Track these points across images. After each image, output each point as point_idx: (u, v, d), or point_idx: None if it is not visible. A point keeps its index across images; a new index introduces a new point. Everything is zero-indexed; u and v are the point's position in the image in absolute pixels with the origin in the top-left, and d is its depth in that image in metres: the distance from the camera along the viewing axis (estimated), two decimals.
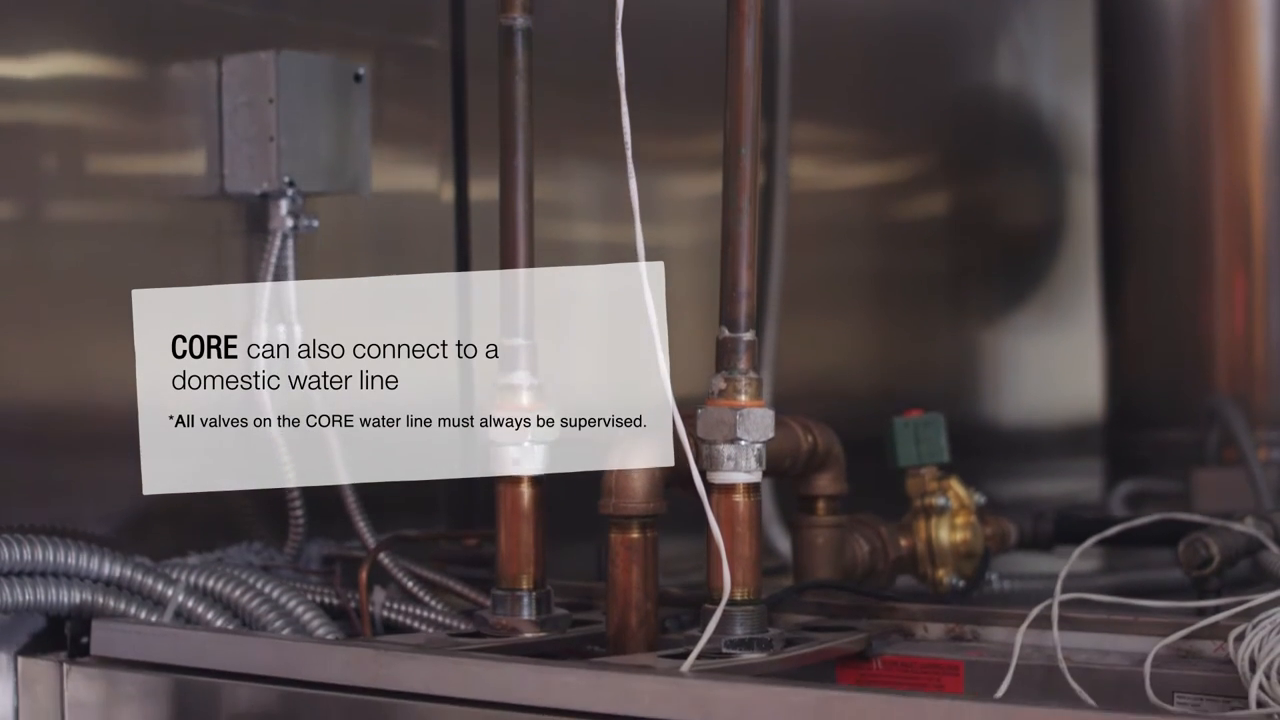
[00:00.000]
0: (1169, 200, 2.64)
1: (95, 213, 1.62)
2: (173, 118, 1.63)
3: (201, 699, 1.39)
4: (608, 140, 1.35)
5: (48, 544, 1.46)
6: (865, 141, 2.57)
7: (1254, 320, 2.60)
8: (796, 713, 1.16)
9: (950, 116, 2.72)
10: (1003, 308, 2.88)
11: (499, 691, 1.25)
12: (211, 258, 1.68)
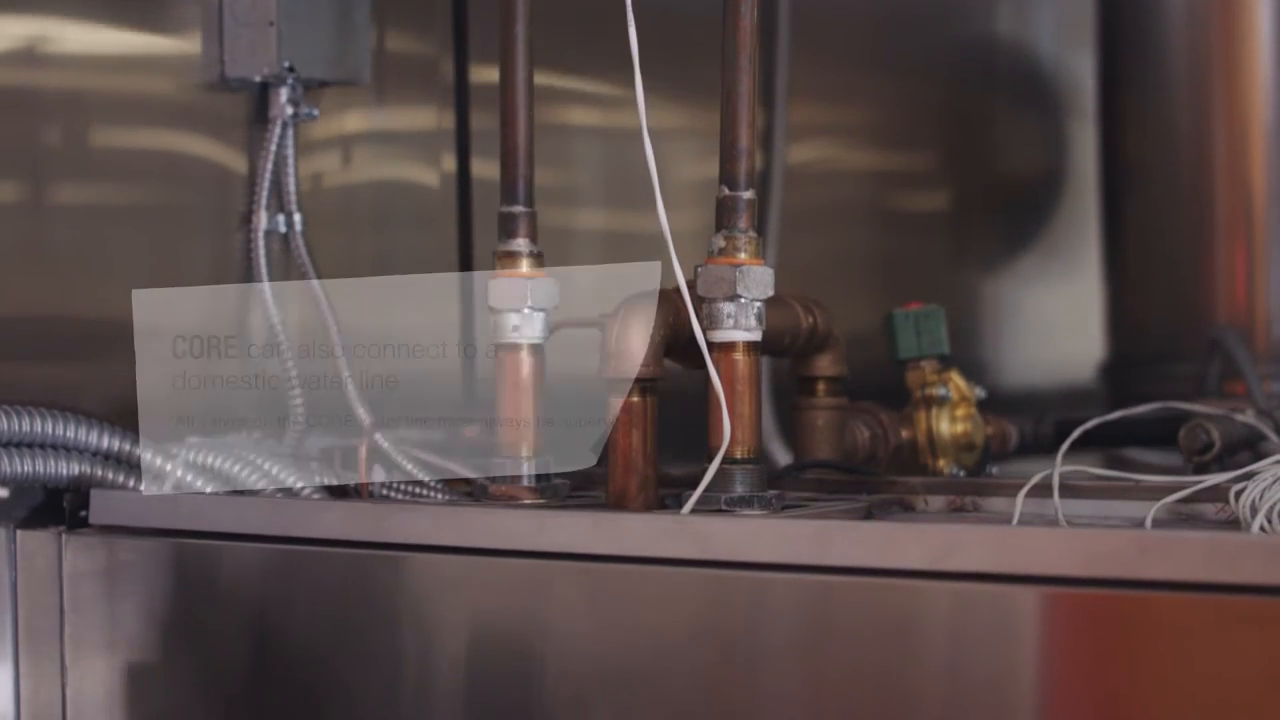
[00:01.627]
0: (1169, 141, 2.64)
1: (95, 98, 1.61)
2: (173, 2, 1.63)
3: (200, 562, 1.38)
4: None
5: (46, 416, 1.46)
6: (865, 88, 2.57)
7: (1254, 259, 2.60)
8: (795, 544, 1.15)
9: (950, 63, 2.72)
10: (1004, 255, 2.88)
11: (497, 538, 1.25)
12: (213, 147, 1.68)
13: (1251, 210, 2.58)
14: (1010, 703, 1.08)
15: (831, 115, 2.53)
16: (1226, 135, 2.60)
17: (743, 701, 1.16)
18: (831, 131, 2.53)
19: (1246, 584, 1.02)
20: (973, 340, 2.74)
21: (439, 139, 1.86)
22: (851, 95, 2.54)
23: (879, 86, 2.58)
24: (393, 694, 1.29)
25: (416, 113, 1.87)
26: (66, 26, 1.57)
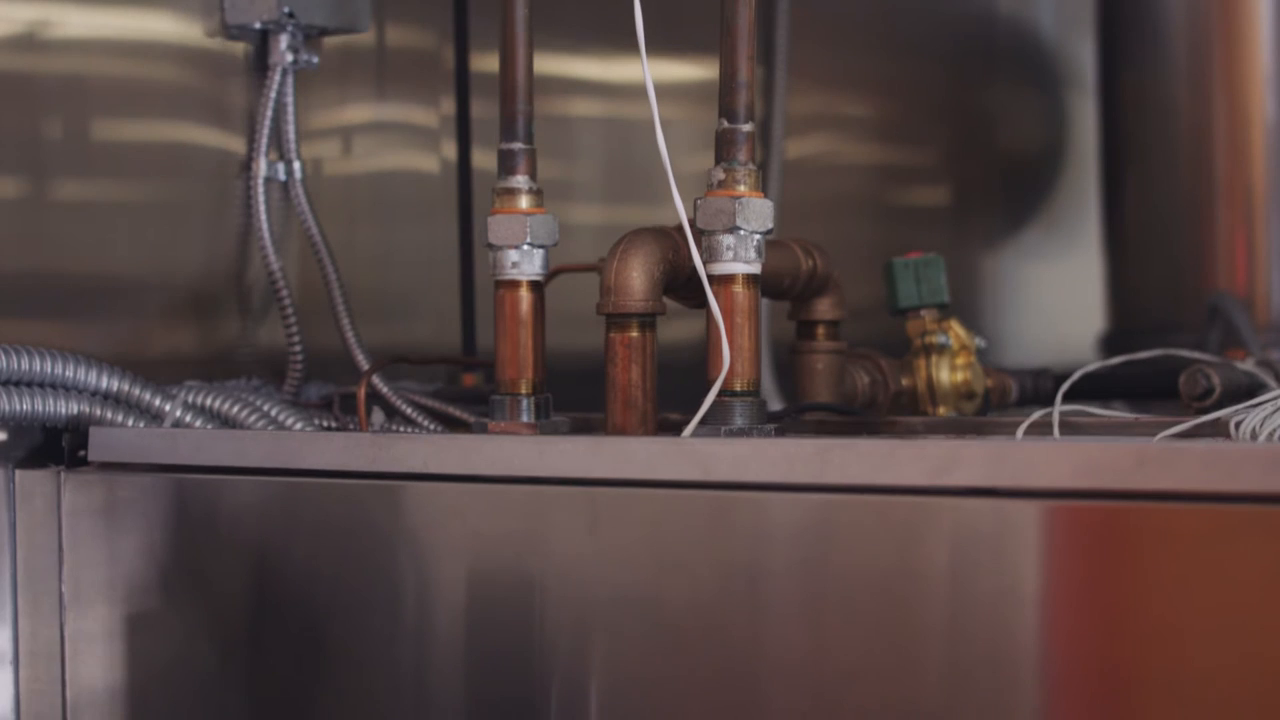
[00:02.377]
0: (1169, 116, 2.64)
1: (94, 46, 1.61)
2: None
3: (200, 496, 1.38)
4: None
5: (46, 355, 1.46)
6: (864, 65, 2.57)
7: (1254, 232, 2.60)
8: (795, 463, 1.15)
9: (951, 38, 2.72)
10: (1004, 230, 2.88)
11: (497, 465, 1.25)
12: (212, 95, 1.68)
13: (1251, 184, 2.58)
14: (1011, 616, 1.07)
15: (831, 94, 2.53)
16: (1226, 110, 2.60)
17: (744, 621, 1.16)
18: (831, 109, 2.53)
19: (1246, 493, 1.02)
20: (972, 315, 2.73)
21: (440, 127, 1.87)
22: (851, 73, 2.54)
23: (879, 63, 2.58)
24: (393, 623, 1.29)
25: (417, 101, 1.87)
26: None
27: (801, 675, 1.14)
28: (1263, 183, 2.57)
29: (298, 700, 1.33)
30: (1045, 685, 1.07)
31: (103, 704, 1.42)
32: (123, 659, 1.41)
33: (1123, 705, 1.05)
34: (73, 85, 1.58)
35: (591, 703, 1.21)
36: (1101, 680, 1.05)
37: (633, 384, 1.39)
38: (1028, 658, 1.07)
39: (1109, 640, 1.05)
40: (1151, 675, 1.04)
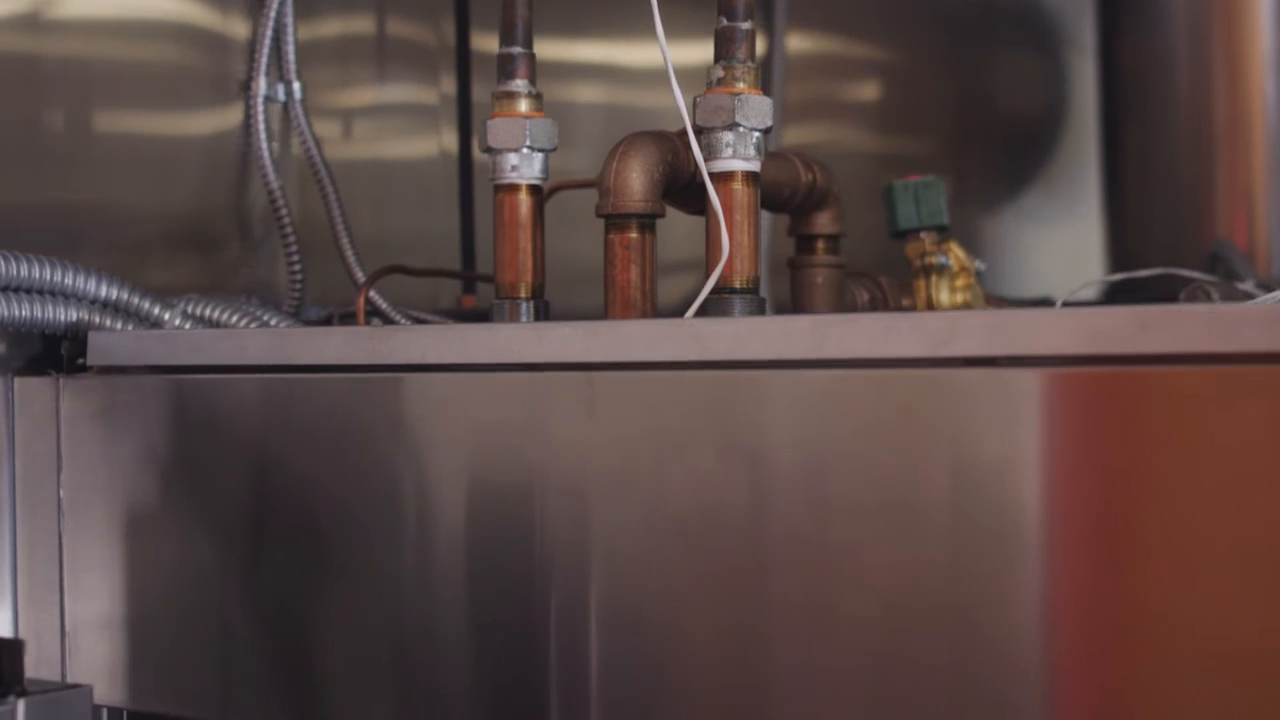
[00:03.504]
0: (1168, 72, 2.64)
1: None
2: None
3: (199, 396, 1.38)
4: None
5: (45, 263, 1.45)
6: (863, 24, 2.57)
7: (1254, 188, 2.60)
8: (795, 339, 1.15)
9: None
10: (1004, 192, 2.88)
11: (496, 352, 1.25)
12: (212, 13, 1.68)
13: (1251, 139, 2.58)
14: (1013, 485, 1.07)
15: (829, 51, 2.53)
16: (1226, 70, 2.60)
17: (744, 500, 1.15)
18: (829, 67, 2.53)
19: (1247, 353, 1.02)
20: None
21: (440, 114, 1.87)
22: (850, 31, 2.54)
23: (878, 24, 2.58)
24: (393, 515, 1.28)
25: (417, 87, 1.87)
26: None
27: (803, 551, 1.13)
28: (1263, 139, 2.57)
29: (298, 596, 1.33)
30: (1048, 551, 1.07)
31: (101, 607, 1.42)
32: (121, 561, 1.41)
33: (1125, 568, 1.04)
34: (70, 14, 1.58)
35: (592, 586, 1.21)
36: (1104, 544, 1.05)
37: (631, 284, 1.39)
38: (1030, 525, 1.07)
39: (1110, 505, 1.05)
40: (1153, 538, 1.04)
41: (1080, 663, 1.06)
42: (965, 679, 1.09)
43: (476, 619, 1.26)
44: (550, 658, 1.22)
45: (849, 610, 1.12)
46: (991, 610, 1.08)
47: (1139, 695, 1.04)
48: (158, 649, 1.40)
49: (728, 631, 1.16)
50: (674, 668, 1.18)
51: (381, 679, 1.30)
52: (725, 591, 1.16)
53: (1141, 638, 1.04)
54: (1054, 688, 1.06)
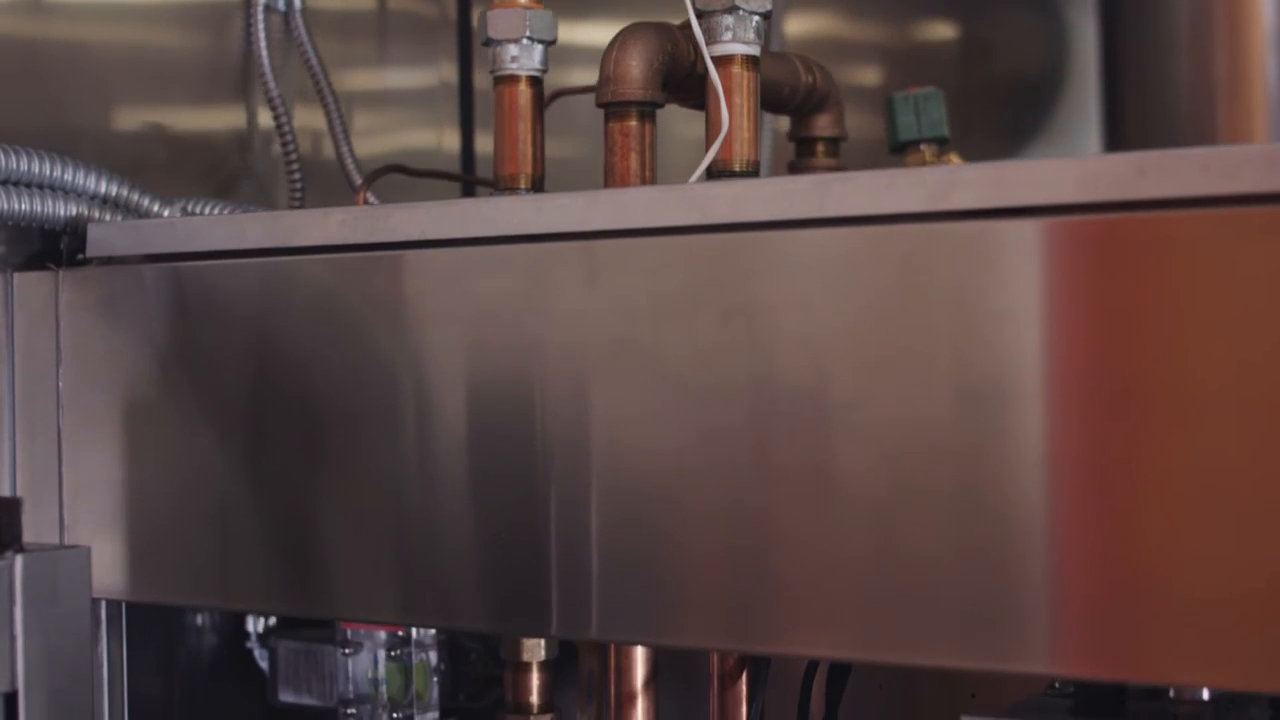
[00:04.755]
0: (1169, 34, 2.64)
1: None
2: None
3: (199, 283, 1.38)
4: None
5: (45, 157, 1.45)
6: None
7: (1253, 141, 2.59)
8: (794, 198, 1.15)
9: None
10: (1004, 150, 2.87)
11: (496, 225, 1.25)
12: None
13: (1252, 98, 2.58)
14: (1014, 335, 1.07)
15: (829, 10, 2.53)
16: (1227, 26, 2.59)
17: (744, 360, 1.15)
18: (829, 26, 2.53)
19: (1246, 194, 1.02)
20: None
21: (441, 101, 1.88)
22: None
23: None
24: (394, 393, 1.28)
25: (420, 74, 1.88)
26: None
27: (804, 407, 1.13)
28: (1262, 104, 2.57)
29: (299, 481, 1.33)
30: (1049, 399, 1.06)
31: (100, 500, 1.41)
32: (120, 453, 1.41)
33: (1126, 413, 1.04)
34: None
35: (593, 455, 1.21)
36: (1105, 391, 1.05)
37: (631, 171, 1.39)
38: (1031, 374, 1.07)
39: (1111, 351, 1.05)
40: (1154, 383, 1.04)
41: (1081, 510, 1.06)
42: (967, 531, 1.09)
43: (478, 494, 1.25)
44: (551, 529, 1.22)
45: (850, 467, 1.12)
46: (993, 461, 1.08)
47: (1140, 539, 1.04)
48: (157, 540, 1.40)
49: (729, 493, 1.16)
50: (676, 532, 1.18)
51: (383, 560, 1.29)
52: (727, 453, 1.16)
53: (1142, 482, 1.04)
54: (1055, 535, 1.06)
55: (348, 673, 1.52)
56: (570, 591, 1.22)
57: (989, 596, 1.08)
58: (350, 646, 1.52)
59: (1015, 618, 1.07)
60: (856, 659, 1.15)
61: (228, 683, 1.64)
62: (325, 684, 1.57)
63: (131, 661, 1.49)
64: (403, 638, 1.50)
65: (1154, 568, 1.04)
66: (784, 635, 1.15)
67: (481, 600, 1.26)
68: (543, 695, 1.47)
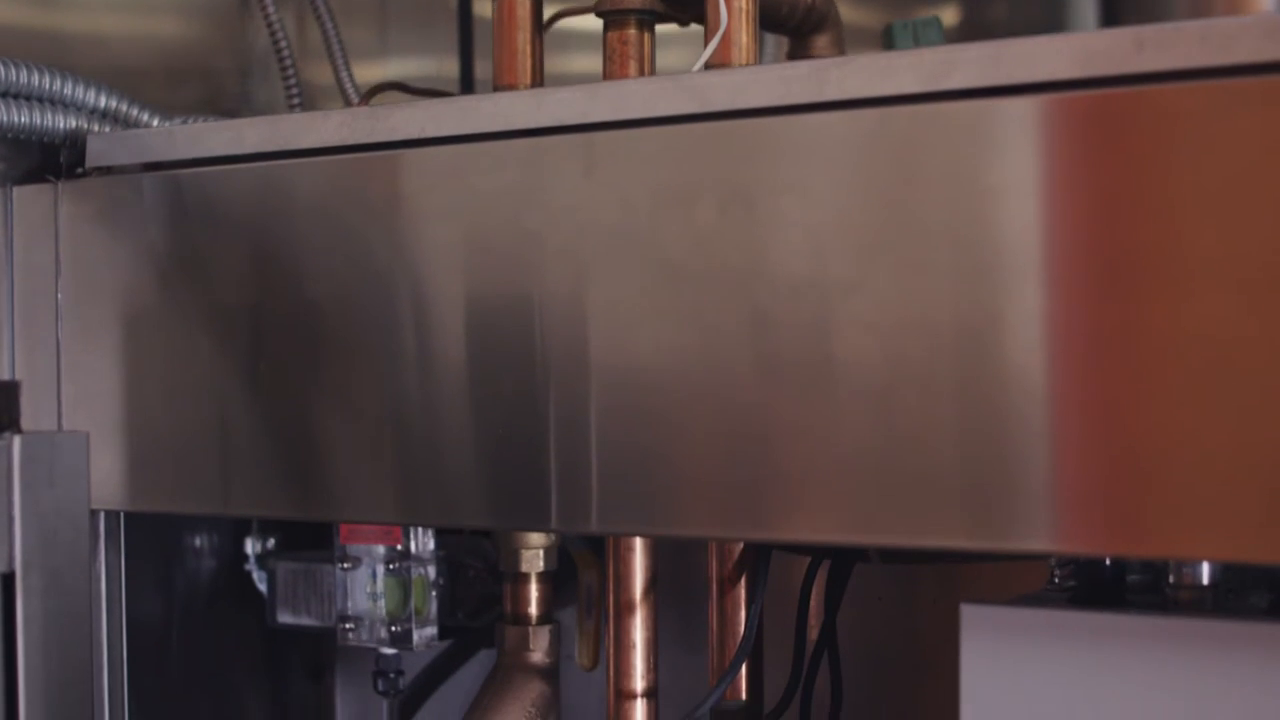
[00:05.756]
0: None
1: None
2: None
3: (197, 190, 1.38)
4: None
5: (45, 71, 1.45)
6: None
7: None
8: (793, 84, 1.15)
9: None
10: None
11: (495, 120, 1.25)
12: None
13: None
14: (1013, 213, 1.07)
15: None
16: None
17: (743, 247, 1.15)
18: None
19: (1244, 64, 1.02)
20: None
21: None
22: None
23: None
24: (393, 293, 1.28)
25: (420, 62, 1.88)
26: None
27: (803, 293, 1.13)
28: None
29: (300, 383, 1.33)
30: (1048, 277, 1.06)
31: (99, 411, 1.41)
32: (120, 363, 1.41)
33: (1124, 289, 1.04)
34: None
35: (591, 347, 1.21)
36: (1103, 267, 1.05)
37: None
38: (1029, 252, 1.07)
39: (1110, 227, 1.05)
40: (1152, 257, 1.04)
41: (1080, 386, 1.06)
42: (966, 411, 1.09)
43: (477, 390, 1.25)
44: (550, 423, 1.22)
45: (849, 351, 1.12)
46: (992, 339, 1.08)
47: (1139, 414, 1.04)
48: (156, 449, 1.40)
49: (729, 382, 1.16)
50: (675, 422, 1.18)
51: (384, 459, 1.29)
52: (726, 341, 1.16)
53: (1141, 356, 1.04)
54: (1055, 413, 1.06)
55: (346, 588, 1.52)
56: (570, 485, 1.22)
57: (989, 476, 1.08)
58: (348, 561, 1.52)
59: (1016, 496, 1.07)
60: (858, 543, 1.14)
61: (226, 606, 1.64)
62: (324, 604, 1.57)
63: (129, 585, 1.50)
64: (401, 552, 1.50)
65: (1153, 442, 1.04)
66: (785, 522, 1.15)
67: (482, 496, 1.25)
68: (541, 607, 1.47)
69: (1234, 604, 1.14)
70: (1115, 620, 1.11)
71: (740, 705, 1.36)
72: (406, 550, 1.50)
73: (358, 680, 1.76)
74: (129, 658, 1.49)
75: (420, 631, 1.50)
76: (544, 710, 1.45)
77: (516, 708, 1.44)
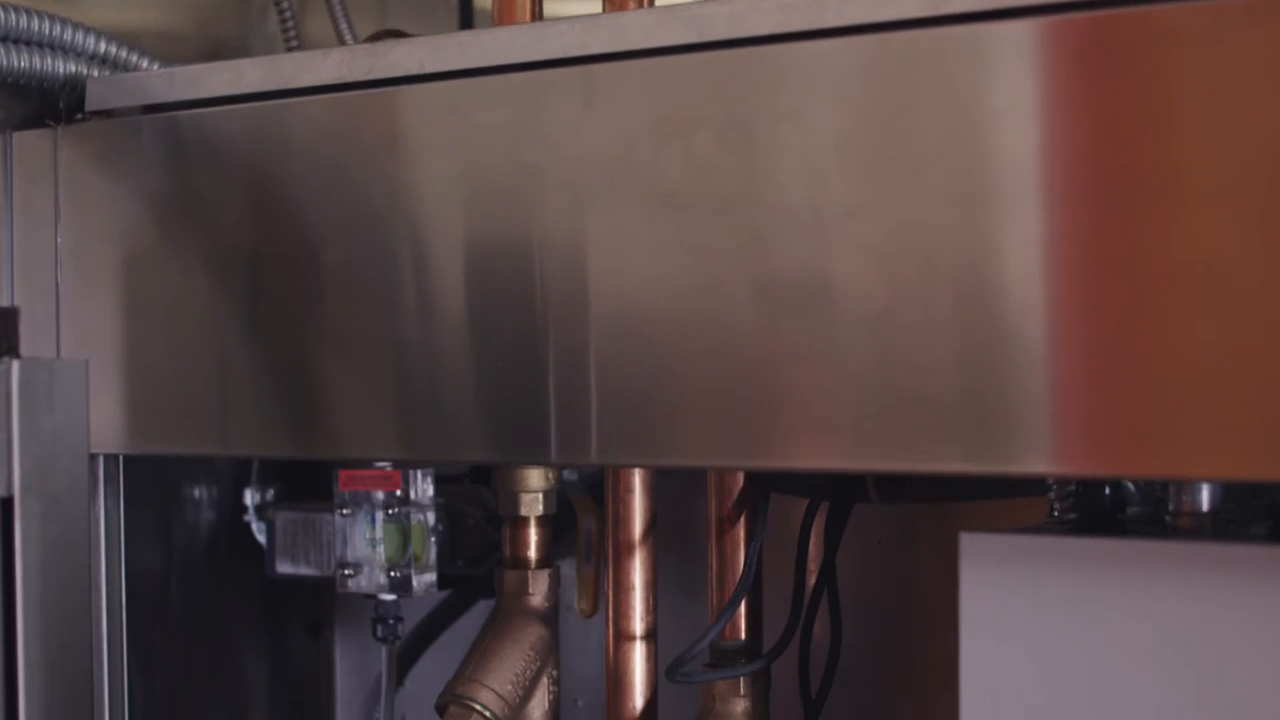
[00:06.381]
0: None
1: None
2: None
3: (197, 130, 1.38)
4: None
5: (44, 17, 1.45)
6: None
7: None
8: (791, 13, 1.14)
9: None
10: None
11: (494, 54, 1.25)
12: None
13: None
14: (1012, 138, 1.07)
15: None
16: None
17: (741, 175, 1.15)
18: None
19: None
20: None
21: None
22: None
23: None
24: (392, 230, 1.28)
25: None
26: None
27: (802, 219, 1.13)
28: None
29: (299, 322, 1.33)
30: (1048, 199, 1.06)
31: (99, 356, 1.41)
32: (119, 307, 1.41)
33: (1122, 210, 1.04)
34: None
35: (590, 279, 1.21)
36: (1102, 188, 1.05)
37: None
38: (1029, 175, 1.07)
39: (1108, 148, 1.05)
40: (1150, 178, 1.04)
41: (1080, 308, 1.06)
42: (966, 335, 1.09)
43: (476, 325, 1.26)
44: (549, 356, 1.22)
45: (849, 277, 1.12)
46: (990, 262, 1.08)
47: (1138, 333, 1.04)
48: (156, 390, 1.40)
49: (728, 311, 1.16)
50: (675, 352, 1.18)
51: (383, 396, 1.29)
52: (725, 269, 1.16)
53: (1140, 277, 1.04)
54: (1054, 334, 1.06)
55: (345, 535, 1.52)
56: (569, 417, 1.22)
57: (989, 399, 1.08)
58: (348, 508, 1.52)
59: (1015, 419, 1.07)
60: (858, 469, 1.14)
61: (225, 559, 1.64)
62: (323, 553, 1.57)
63: (128, 536, 1.50)
64: (400, 498, 1.50)
65: (1153, 362, 1.04)
66: (784, 449, 1.15)
67: (481, 430, 1.25)
68: (541, 550, 1.47)
69: (1233, 533, 1.14)
70: (1115, 545, 1.11)
71: (740, 644, 1.36)
72: (406, 496, 1.50)
73: (357, 634, 1.76)
74: (128, 607, 1.49)
75: (419, 577, 1.50)
76: (543, 653, 1.45)
77: (516, 650, 1.44)
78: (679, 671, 1.30)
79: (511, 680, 1.43)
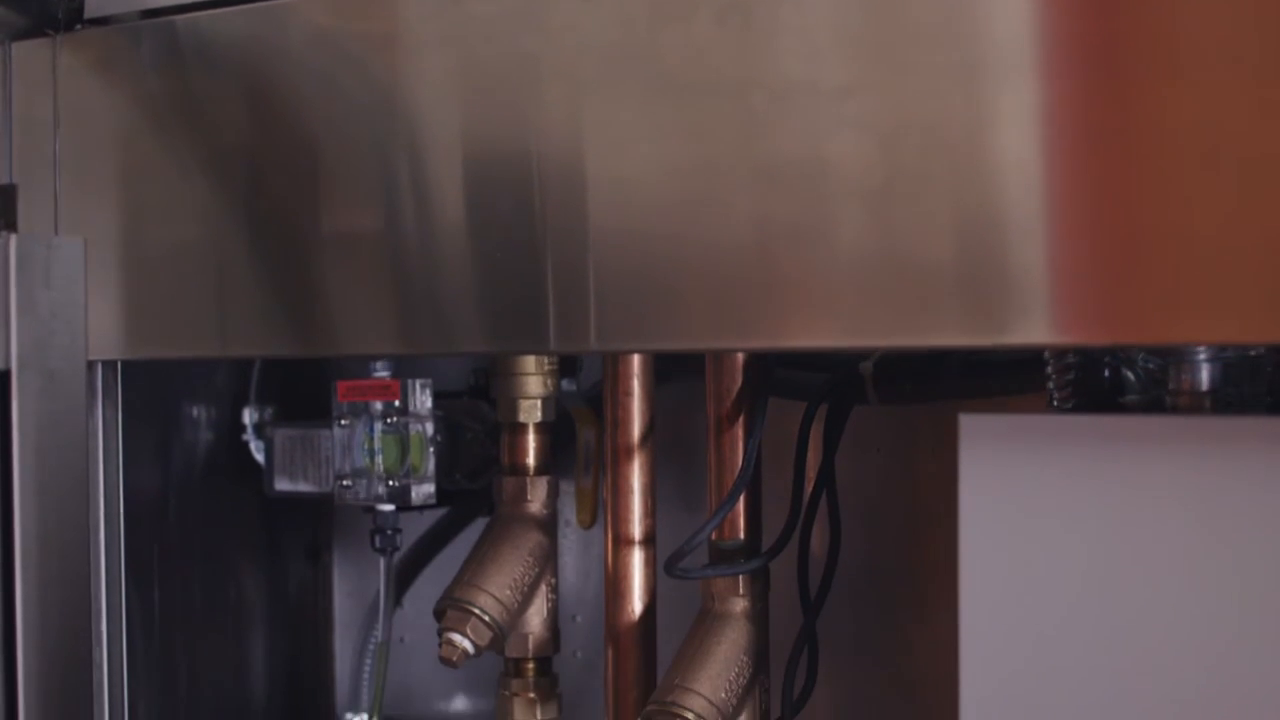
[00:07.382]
0: None
1: None
2: None
3: (194, 34, 1.38)
4: None
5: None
6: None
7: None
8: None
9: None
10: None
11: None
12: None
13: None
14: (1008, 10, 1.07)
15: None
16: None
17: (739, 56, 1.15)
18: None
19: None
20: None
21: None
22: None
23: None
24: (389, 126, 1.28)
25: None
26: None
27: (800, 98, 1.13)
28: None
29: (297, 222, 1.33)
30: (1044, 69, 1.06)
31: (98, 261, 1.40)
32: (117, 210, 1.41)
33: (1121, 77, 1.04)
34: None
35: (588, 165, 1.21)
36: (1099, 55, 1.05)
37: None
38: (1024, 46, 1.07)
39: (1105, 15, 1.05)
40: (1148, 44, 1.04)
41: (1077, 176, 1.06)
42: (962, 207, 1.09)
43: (473, 219, 1.26)
44: (546, 243, 1.22)
45: (846, 155, 1.12)
46: (987, 133, 1.08)
47: (1136, 201, 1.04)
48: (154, 296, 1.40)
49: (726, 192, 1.16)
50: (672, 235, 1.18)
51: (381, 291, 1.29)
52: (723, 152, 1.16)
53: (1138, 144, 1.04)
54: (1051, 203, 1.06)
55: (343, 446, 1.51)
56: (567, 304, 1.22)
57: (987, 272, 1.08)
58: (346, 419, 1.51)
59: (1013, 290, 1.07)
60: (857, 346, 1.14)
61: (224, 477, 1.64)
62: (322, 469, 1.57)
63: (126, 455, 1.49)
64: (398, 408, 1.50)
65: (1150, 229, 1.04)
66: (783, 329, 1.15)
67: (479, 321, 1.25)
68: (539, 457, 1.47)
69: (1235, 412, 1.14)
70: (1114, 422, 1.11)
71: (739, 544, 1.35)
72: (404, 406, 1.50)
73: (355, 557, 1.75)
74: (125, 522, 1.49)
75: (418, 488, 1.50)
76: (541, 560, 1.45)
77: (515, 556, 1.43)
78: (677, 566, 1.29)
79: (510, 585, 1.42)
